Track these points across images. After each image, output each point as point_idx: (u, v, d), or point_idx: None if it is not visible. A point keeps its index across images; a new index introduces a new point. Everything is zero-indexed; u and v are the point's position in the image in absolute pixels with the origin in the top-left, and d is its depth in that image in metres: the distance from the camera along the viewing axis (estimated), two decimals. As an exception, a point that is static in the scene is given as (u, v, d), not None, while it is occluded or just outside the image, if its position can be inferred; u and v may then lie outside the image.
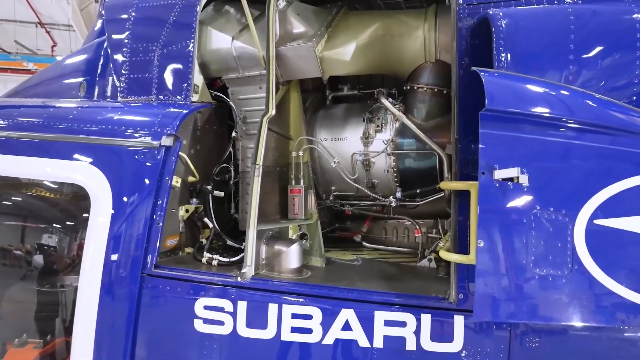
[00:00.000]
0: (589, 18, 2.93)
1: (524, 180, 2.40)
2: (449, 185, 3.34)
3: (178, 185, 3.93)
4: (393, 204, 4.38)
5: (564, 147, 2.48)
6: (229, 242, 4.38)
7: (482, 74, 2.62)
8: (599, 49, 2.91)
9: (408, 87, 4.21)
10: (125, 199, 3.66)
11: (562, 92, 2.69)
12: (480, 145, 2.47)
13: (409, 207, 4.65)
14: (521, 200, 2.44)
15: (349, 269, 4.25)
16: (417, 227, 4.74)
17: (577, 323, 2.31)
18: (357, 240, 5.29)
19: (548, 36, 3.00)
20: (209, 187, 4.31)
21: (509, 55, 3.01)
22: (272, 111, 3.84)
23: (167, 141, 3.70)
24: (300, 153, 4.35)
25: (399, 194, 4.33)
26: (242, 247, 4.19)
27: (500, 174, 2.42)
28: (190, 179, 4.24)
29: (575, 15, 2.94)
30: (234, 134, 4.51)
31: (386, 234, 5.44)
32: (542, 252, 2.38)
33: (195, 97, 4.27)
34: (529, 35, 3.01)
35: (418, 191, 4.33)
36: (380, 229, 5.43)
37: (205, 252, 4.02)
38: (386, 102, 4.16)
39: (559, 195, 2.44)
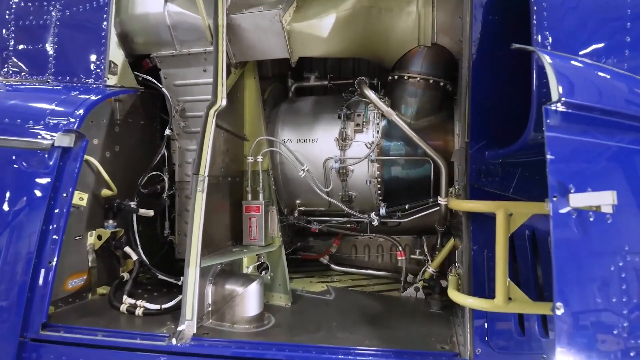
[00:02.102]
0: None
1: (607, 208, 1.60)
2: (464, 205, 2.52)
3: (84, 203, 2.78)
4: (375, 223, 3.50)
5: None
6: (161, 277, 3.26)
7: (543, 54, 1.80)
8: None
9: (396, 77, 3.35)
10: (-6, 226, 2.44)
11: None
12: (548, 156, 1.65)
13: (390, 224, 3.80)
14: (607, 238, 1.65)
15: (322, 307, 3.33)
16: (401, 248, 3.90)
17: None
18: (325, 263, 4.38)
19: (599, 10, 2.27)
20: (133, 204, 3.17)
21: (550, 33, 2.23)
22: (222, 102, 2.82)
23: (64, 140, 2.53)
24: (259, 158, 3.33)
25: (383, 210, 3.46)
26: (179, 282, 3.13)
27: (577, 199, 1.61)
28: (105, 192, 3.09)
29: (632, -17, 2.23)
30: (168, 131, 3.40)
31: (356, 253, 4.61)
32: (638, 315, 1.60)
33: (112, 80, 3.12)
34: (576, 9, 2.25)
35: (407, 207, 3.48)
36: (350, 247, 4.59)
37: (125, 296, 2.88)
38: (371, 95, 3.28)
39: (651, 229, 1.68)
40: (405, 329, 2.92)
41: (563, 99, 1.66)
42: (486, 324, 2.50)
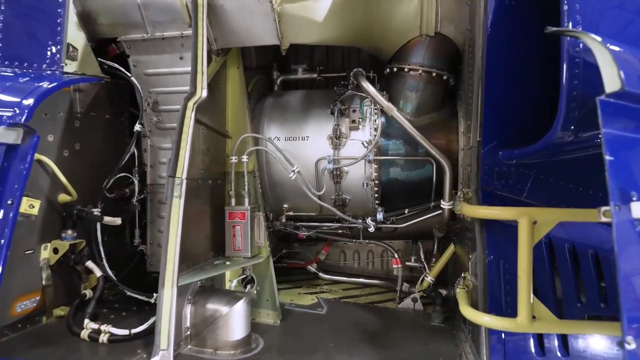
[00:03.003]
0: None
1: (672, 219, 1.35)
2: (481, 212, 2.25)
3: (35, 211, 2.36)
4: (371, 229, 3.20)
5: None
6: (130, 294, 2.84)
7: (592, 36, 1.53)
8: None
9: (395, 69, 3.05)
10: None
11: None
12: (607, 157, 1.38)
13: (385, 229, 3.49)
14: (674, 256, 1.39)
15: (314, 323, 3.02)
16: (396, 255, 3.62)
17: None
18: (312, 271, 4.06)
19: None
20: (96, 211, 2.75)
21: (582, 19, 1.97)
22: (202, 93, 2.46)
23: (8, 136, 2.09)
24: (244, 158, 2.96)
25: (380, 215, 3.16)
26: (152, 299, 2.73)
27: (640, 208, 1.34)
28: (63, 198, 2.68)
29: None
30: (138, 126, 2.98)
31: (345, 259, 4.33)
32: None
33: (71, 66, 2.69)
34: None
35: (407, 211, 3.20)
36: (337, 253, 4.30)
37: (87, 320, 2.46)
38: (370, 88, 2.97)
39: None
40: (409, 348, 2.65)
41: (626, 88, 1.39)
42: (504, 344, 2.26)
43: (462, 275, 2.69)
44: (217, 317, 2.42)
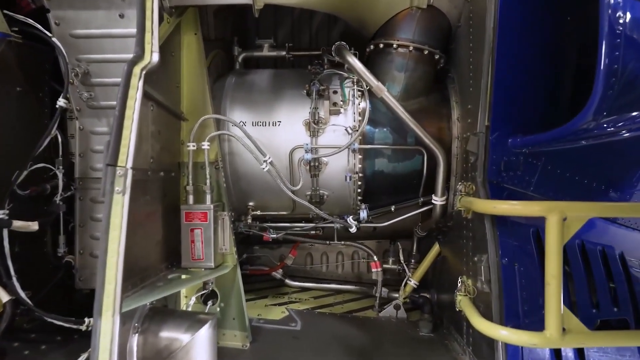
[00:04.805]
0: None
1: None
2: (500, 207, 1.93)
3: None
4: (353, 229, 2.80)
5: None
6: (52, 320, 2.18)
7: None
8: None
9: (381, 45, 2.66)
10: None
11: None
12: None
13: (364, 229, 3.08)
14: None
15: (290, 343, 2.58)
16: (375, 258, 3.24)
17: None
18: (277, 277, 3.58)
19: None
20: (2, 214, 2.06)
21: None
22: (153, 57, 1.90)
23: None
24: (205, 145, 2.39)
25: (364, 214, 2.76)
26: (82, 326, 2.12)
27: None
28: (-50, 196, 1.94)
29: None
30: (62, 102, 2.28)
31: (312, 262, 3.91)
32: None
33: (-38, 16, 1.95)
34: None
35: (393, 209, 2.83)
36: (304, 255, 3.89)
37: (-13, 364, 1.80)
38: (357, 63, 2.55)
39: None
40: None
41: None
42: (522, 357, 1.98)
43: (460, 279, 2.37)
44: (175, 348, 1.87)
